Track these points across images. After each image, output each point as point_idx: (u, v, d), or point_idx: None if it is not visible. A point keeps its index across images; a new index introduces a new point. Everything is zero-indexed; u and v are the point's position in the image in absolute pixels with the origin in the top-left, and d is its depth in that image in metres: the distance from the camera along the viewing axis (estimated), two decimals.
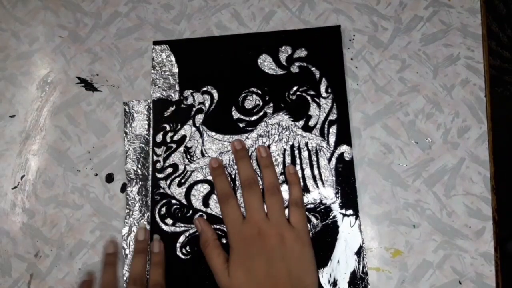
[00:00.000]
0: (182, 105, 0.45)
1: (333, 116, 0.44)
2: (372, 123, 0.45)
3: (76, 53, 0.49)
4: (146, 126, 0.45)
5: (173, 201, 0.43)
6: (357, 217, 0.42)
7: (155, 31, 0.49)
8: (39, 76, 0.49)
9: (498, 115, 0.48)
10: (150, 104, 0.45)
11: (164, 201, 0.43)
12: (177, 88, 0.45)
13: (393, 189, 0.43)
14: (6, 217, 0.44)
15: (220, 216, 0.42)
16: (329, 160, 0.43)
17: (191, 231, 0.42)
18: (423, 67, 0.47)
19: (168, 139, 0.44)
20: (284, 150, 0.43)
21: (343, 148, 0.43)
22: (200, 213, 0.42)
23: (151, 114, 0.45)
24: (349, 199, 0.42)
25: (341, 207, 0.42)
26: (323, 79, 0.45)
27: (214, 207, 0.43)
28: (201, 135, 0.44)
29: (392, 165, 0.44)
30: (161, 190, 0.43)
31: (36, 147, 0.46)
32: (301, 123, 0.44)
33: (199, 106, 0.45)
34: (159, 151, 0.44)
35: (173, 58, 0.46)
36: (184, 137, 0.44)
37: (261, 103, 0.45)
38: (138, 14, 0.50)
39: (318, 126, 0.44)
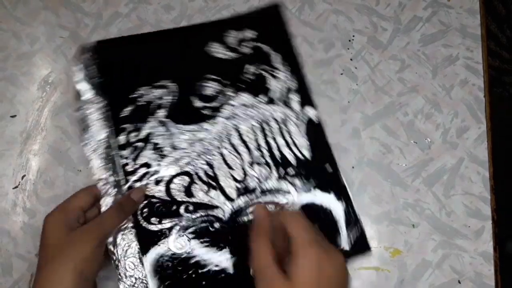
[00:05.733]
0: (140, 103, 0.44)
1: (292, 85, 0.45)
2: (371, 123, 0.45)
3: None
4: (106, 130, 0.43)
5: (154, 200, 0.42)
6: (337, 172, 0.42)
7: None
8: (40, 76, 0.49)
9: (497, 115, 0.48)
10: (104, 106, 0.44)
11: (144, 202, 0.42)
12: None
13: (392, 189, 0.43)
14: (7, 216, 0.45)
15: (208, 203, 0.42)
16: (299, 126, 0.44)
17: (182, 223, 0.41)
18: (422, 68, 0.47)
19: (133, 139, 0.43)
20: (253, 126, 0.44)
21: (310, 112, 0.44)
22: (186, 204, 0.42)
23: (107, 113, 0.44)
24: (327, 157, 0.43)
25: (321, 166, 0.43)
26: (275, 53, 0.46)
27: (198, 196, 0.42)
28: (168, 129, 0.44)
29: (392, 165, 0.44)
30: None
31: (37, 147, 0.46)
32: (263, 98, 0.45)
33: (158, 101, 0.44)
34: (125, 153, 0.43)
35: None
36: (149, 134, 0.43)
37: (221, 88, 0.45)
38: (138, 14, 0.50)
39: (281, 97, 0.45)
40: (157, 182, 0.42)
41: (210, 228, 0.41)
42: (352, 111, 0.46)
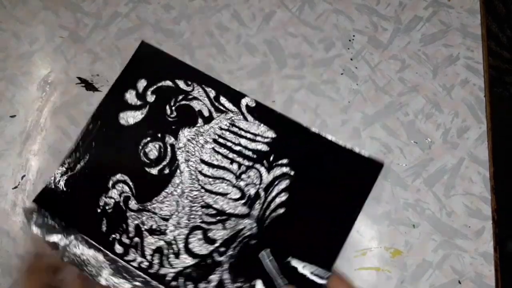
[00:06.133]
0: (109, 211, 0.43)
1: (212, 93, 0.45)
2: (371, 123, 0.45)
3: (77, 53, 0.49)
4: (100, 252, 0.42)
5: (187, 270, 0.40)
6: (304, 128, 0.44)
7: (155, 31, 0.49)
8: (40, 76, 0.49)
9: (497, 115, 0.48)
10: (82, 237, 0.42)
11: (181, 279, 0.40)
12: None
13: (392, 189, 0.43)
14: (6, 217, 0.44)
15: (232, 233, 0.41)
16: (246, 118, 0.44)
17: (226, 266, 0.40)
18: (422, 67, 0.47)
19: (127, 241, 0.42)
20: (213, 148, 0.44)
21: (244, 102, 0.45)
22: (216, 250, 0.41)
23: (90, 240, 0.42)
24: (285, 123, 0.44)
25: (289, 134, 0.44)
26: (177, 81, 0.46)
27: (219, 237, 0.41)
28: (147, 209, 0.42)
29: (392, 165, 0.44)
30: (173, 274, 0.41)
31: (37, 147, 0.46)
32: (200, 121, 0.45)
33: (122, 197, 0.43)
34: (131, 256, 0.41)
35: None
36: (137, 226, 0.42)
37: (161, 143, 0.44)
38: (138, 14, 0.50)
39: (212, 109, 0.45)
40: (177, 255, 0.41)
41: (249, 247, 0.41)
42: (353, 111, 0.46)
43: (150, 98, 0.45)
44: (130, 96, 0.46)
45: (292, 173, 0.42)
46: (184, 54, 0.49)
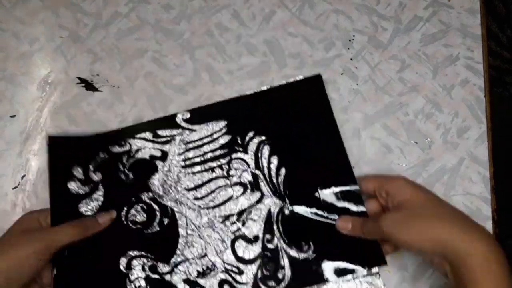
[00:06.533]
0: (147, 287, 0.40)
1: (147, 135, 0.44)
2: (372, 123, 0.45)
3: (77, 53, 0.49)
4: None
5: (256, 271, 0.40)
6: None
7: (155, 31, 0.49)
8: (40, 76, 0.49)
9: (497, 115, 0.48)
10: None
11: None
12: None
13: None
14: (6, 217, 0.44)
15: (265, 220, 0.41)
16: (192, 130, 0.44)
17: (284, 256, 0.40)
18: (422, 67, 0.47)
19: None
20: (188, 173, 0.43)
21: (179, 119, 0.45)
22: (273, 239, 0.40)
23: None
24: (232, 104, 0.45)
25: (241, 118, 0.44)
26: (109, 148, 0.44)
27: (251, 232, 0.41)
28: (181, 262, 0.40)
29: (392, 165, 0.44)
30: None
31: (37, 147, 0.46)
32: (159, 163, 0.43)
33: (147, 268, 0.40)
34: None
35: None
36: (188, 281, 0.40)
37: (141, 204, 0.42)
38: (138, 14, 0.50)
39: (159, 146, 0.44)
40: (241, 273, 0.40)
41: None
42: (353, 111, 0.46)
43: (97, 176, 0.43)
44: (74, 186, 0.43)
45: (264, 137, 0.43)
46: (183, 54, 0.49)
